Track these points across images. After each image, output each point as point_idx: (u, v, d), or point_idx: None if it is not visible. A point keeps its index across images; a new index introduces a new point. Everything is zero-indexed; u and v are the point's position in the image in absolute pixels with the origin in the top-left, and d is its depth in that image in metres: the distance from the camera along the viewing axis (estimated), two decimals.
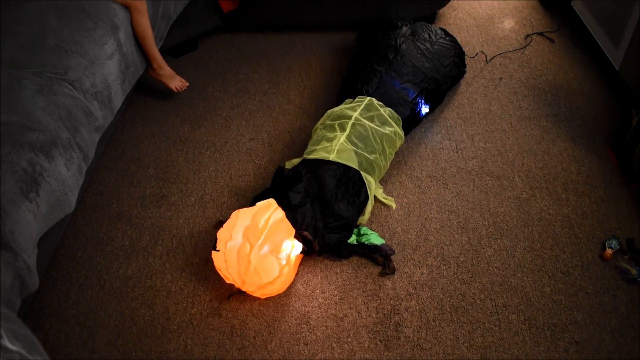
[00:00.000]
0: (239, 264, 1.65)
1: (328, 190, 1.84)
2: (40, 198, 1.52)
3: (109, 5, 2.29)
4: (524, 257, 1.89)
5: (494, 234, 1.96)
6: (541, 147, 2.31)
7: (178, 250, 1.92)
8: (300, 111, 2.52)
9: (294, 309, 1.73)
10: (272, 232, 1.69)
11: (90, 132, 1.84)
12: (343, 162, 1.92)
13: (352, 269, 1.85)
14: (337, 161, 1.92)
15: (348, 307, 1.74)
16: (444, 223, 2.00)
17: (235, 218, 1.73)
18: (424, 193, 2.12)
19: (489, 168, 2.22)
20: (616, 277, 1.83)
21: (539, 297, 1.77)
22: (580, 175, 2.18)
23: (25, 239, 1.44)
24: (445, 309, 1.74)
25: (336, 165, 1.91)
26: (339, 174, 1.90)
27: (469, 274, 1.84)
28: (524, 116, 2.47)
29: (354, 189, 1.91)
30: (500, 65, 2.79)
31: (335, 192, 1.85)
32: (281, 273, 1.68)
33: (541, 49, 2.92)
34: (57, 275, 1.84)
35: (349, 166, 1.92)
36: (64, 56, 1.96)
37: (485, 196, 2.10)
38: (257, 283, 1.67)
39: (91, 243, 1.94)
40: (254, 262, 1.64)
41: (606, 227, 1.99)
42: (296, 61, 2.85)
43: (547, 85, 2.66)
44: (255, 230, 1.67)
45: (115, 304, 1.75)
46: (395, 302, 1.75)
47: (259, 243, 1.65)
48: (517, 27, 3.11)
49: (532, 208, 2.05)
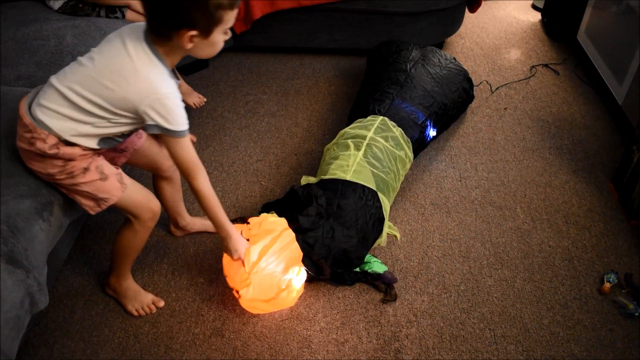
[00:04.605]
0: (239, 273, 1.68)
1: (346, 212, 1.85)
2: (53, 217, 1.55)
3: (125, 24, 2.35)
4: (524, 288, 1.91)
5: (494, 264, 1.99)
6: (543, 179, 2.35)
7: (183, 270, 1.95)
8: (308, 134, 2.56)
9: (296, 332, 1.76)
10: (282, 251, 1.71)
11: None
12: (361, 182, 1.94)
13: (354, 294, 1.88)
14: (354, 181, 1.93)
15: (349, 332, 1.76)
16: (446, 252, 2.03)
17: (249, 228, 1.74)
18: (427, 221, 2.15)
19: (491, 198, 2.25)
20: (614, 312, 1.85)
21: (538, 329, 1.79)
22: (581, 209, 2.22)
23: (36, 256, 1.47)
24: (444, 337, 1.76)
25: (354, 186, 1.92)
26: (358, 195, 1.90)
27: (469, 303, 1.86)
28: (528, 147, 2.51)
29: (371, 211, 1.92)
30: (506, 96, 2.84)
31: (355, 214, 1.86)
32: (277, 296, 1.71)
33: (546, 80, 2.97)
34: (63, 290, 1.87)
35: (367, 187, 1.94)
36: None
37: (487, 226, 2.13)
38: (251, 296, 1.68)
39: (97, 259, 1.97)
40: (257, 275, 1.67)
41: (605, 261, 2.02)
42: (305, 84, 2.90)
43: (551, 117, 2.71)
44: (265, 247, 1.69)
45: (119, 321, 1.78)
46: (396, 328, 1.78)
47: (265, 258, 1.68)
48: (523, 57, 3.16)
49: (532, 239, 2.09)
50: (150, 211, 1.63)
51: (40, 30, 2.24)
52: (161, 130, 1.38)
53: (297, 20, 2.91)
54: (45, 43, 2.17)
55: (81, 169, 1.49)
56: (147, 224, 1.65)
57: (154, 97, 1.35)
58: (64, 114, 1.40)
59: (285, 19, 2.89)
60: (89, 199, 1.55)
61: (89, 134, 1.44)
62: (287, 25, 2.92)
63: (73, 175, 1.49)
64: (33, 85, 1.94)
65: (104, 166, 1.54)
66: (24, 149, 1.48)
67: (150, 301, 1.81)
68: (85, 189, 1.52)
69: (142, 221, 1.63)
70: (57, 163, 1.46)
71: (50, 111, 1.41)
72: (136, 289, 1.81)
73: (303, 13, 2.88)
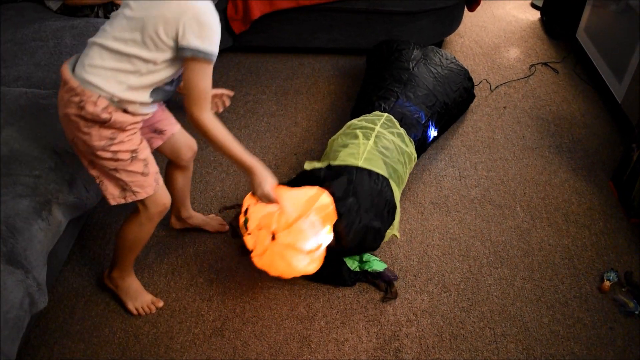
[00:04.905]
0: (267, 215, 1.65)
1: (363, 197, 1.81)
2: (52, 216, 1.56)
3: None
4: (524, 287, 1.91)
5: (494, 262, 1.99)
6: (543, 178, 2.35)
7: (183, 270, 1.95)
8: (307, 134, 2.56)
9: (296, 331, 1.76)
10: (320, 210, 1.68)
11: None
12: (373, 169, 1.90)
13: (354, 294, 1.88)
14: (366, 168, 1.89)
15: (349, 332, 1.76)
16: (446, 250, 2.03)
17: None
18: (426, 220, 2.15)
19: (491, 197, 2.25)
20: (614, 310, 1.85)
21: (537, 327, 1.79)
22: (581, 207, 2.22)
23: (36, 256, 1.47)
24: (444, 336, 1.76)
25: (368, 172, 1.88)
26: (373, 180, 1.86)
27: (469, 302, 1.86)
28: (527, 146, 2.51)
29: (386, 197, 1.87)
30: (505, 94, 2.84)
31: (372, 199, 1.82)
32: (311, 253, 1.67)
33: (545, 79, 2.97)
34: (63, 290, 1.87)
35: (380, 174, 1.90)
36: None
37: (487, 225, 2.13)
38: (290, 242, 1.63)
39: (98, 260, 1.97)
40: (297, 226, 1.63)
41: (605, 259, 2.01)
42: (304, 84, 2.90)
43: (550, 115, 2.71)
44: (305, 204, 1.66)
45: (119, 321, 1.78)
46: (396, 328, 1.78)
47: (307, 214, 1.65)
48: (523, 56, 3.16)
49: (532, 238, 2.08)
50: (162, 205, 1.63)
51: (39, 31, 2.24)
52: (193, 52, 1.36)
53: (296, 20, 2.91)
54: (44, 44, 2.18)
55: (128, 154, 1.48)
56: (155, 217, 1.64)
57: (190, 13, 1.34)
58: (110, 67, 1.39)
59: (284, 18, 2.89)
60: (117, 188, 1.54)
61: (137, 85, 1.41)
62: (286, 25, 2.93)
63: (117, 159, 1.48)
64: (32, 86, 1.95)
65: (149, 160, 1.55)
66: (71, 117, 1.42)
67: (150, 301, 1.81)
68: (123, 177, 1.51)
69: (151, 214, 1.62)
70: (105, 134, 1.43)
71: (97, 69, 1.39)
72: (138, 288, 1.81)
73: (302, 13, 2.88)
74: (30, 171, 1.59)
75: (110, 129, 1.44)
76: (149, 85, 1.44)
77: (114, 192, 1.54)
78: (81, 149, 1.49)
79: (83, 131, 1.43)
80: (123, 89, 1.40)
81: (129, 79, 1.40)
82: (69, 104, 1.41)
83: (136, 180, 1.52)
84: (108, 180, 1.53)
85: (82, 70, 1.40)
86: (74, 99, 1.39)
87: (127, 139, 1.48)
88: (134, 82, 1.41)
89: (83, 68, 1.40)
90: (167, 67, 1.42)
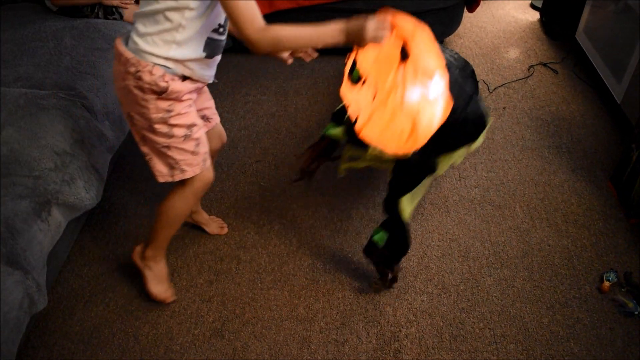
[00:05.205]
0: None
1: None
2: (52, 217, 1.56)
3: (124, 26, 2.35)
4: (523, 287, 1.91)
5: (494, 263, 1.99)
6: (542, 178, 2.35)
7: (182, 270, 1.95)
8: (307, 135, 2.56)
9: (296, 332, 1.76)
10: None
11: (103, 153, 1.88)
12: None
13: (353, 294, 1.88)
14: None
15: (349, 333, 1.76)
16: (445, 251, 2.03)
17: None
18: (426, 220, 2.15)
19: (490, 197, 2.25)
20: (613, 310, 1.85)
21: (537, 328, 1.79)
22: (581, 208, 2.22)
23: (35, 257, 1.47)
24: (444, 337, 1.76)
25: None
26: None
27: (469, 302, 1.86)
28: (527, 146, 2.51)
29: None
30: (504, 95, 2.84)
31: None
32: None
33: (545, 79, 2.97)
34: (62, 291, 1.87)
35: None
36: (78, 77, 2.01)
37: (487, 225, 2.13)
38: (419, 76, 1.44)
39: (97, 261, 1.97)
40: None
41: (604, 259, 2.01)
42: (304, 85, 2.90)
43: (549, 116, 2.71)
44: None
45: (119, 322, 1.78)
46: (396, 328, 1.78)
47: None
48: (522, 57, 3.16)
49: (532, 238, 2.08)
50: (208, 180, 1.66)
51: (38, 32, 2.24)
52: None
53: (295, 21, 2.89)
54: (44, 44, 2.18)
55: (184, 130, 1.51)
56: (199, 192, 1.68)
57: None
58: (154, 31, 1.39)
59: (283, 19, 2.89)
60: (166, 166, 1.57)
61: (185, 38, 1.40)
62: None
63: (172, 135, 1.50)
64: (32, 87, 1.95)
65: (201, 141, 1.58)
66: (130, 89, 1.44)
67: (171, 292, 1.84)
68: (174, 155, 1.54)
69: (196, 188, 1.64)
70: (162, 105, 1.45)
71: (144, 37, 1.40)
72: (166, 274, 1.84)
73: (302, 13, 2.88)
74: (29, 172, 1.59)
75: (168, 101, 1.46)
76: (197, 36, 1.42)
77: (162, 170, 1.58)
78: (137, 123, 1.51)
79: (141, 104, 1.45)
80: (173, 47, 1.40)
81: (174, 36, 1.39)
82: (126, 75, 1.43)
83: (186, 158, 1.56)
84: (157, 157, 1.56)
85: (132, 41, 1.43)
86: (130, 69, 1.42)
87: (184, 111, 1.50)
88: (180, 37, 1.40)
89: (132, 39, 1.43)
90: (203, 10, 1.38)
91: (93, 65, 2.10)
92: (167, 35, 1.39)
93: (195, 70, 1.47)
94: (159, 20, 1.38)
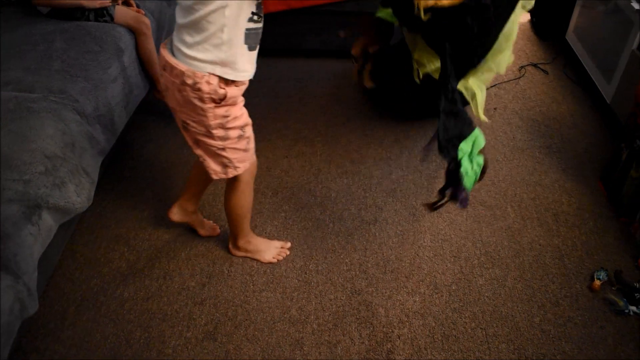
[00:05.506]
0: None
1: None
2: (42, 221, 1.55)
3: (115, 29, 2.35)
4: (515, 287, 1.92)
5: (485, 263, 2.00)
6: (533, 178, 2.36)
7: (174, 273, 1.94)
8: (298, 137, 2.57)
9: (288, 334, 1.76)
10: None
11: (94, 156, 1.87)
12: None
13: (346, 296, 1.88)
14: None
15: (341, 334, 1.76)
16: (437, 252, 2.04)
17: None
18: (417, 221, 2.15)
19: (482, 198, 2.26)
20: (604, 309, 1.86)
21: (529, 327, 1.80)
22: (571, 207, 2.23)
23: (26, 262, 1.46)
24: (436, 337, 1.77)
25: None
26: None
27: (461, 302, 1.87)
28: (517, 147, 2.53)
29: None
30: (495, 96, 2.85)
31: None
32: None
33: (535, 80, 2.99)
34: (54, 295, 1.86)
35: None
36: (69, 80, 2.00)
37: (478, 225, 2.14)
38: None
39: (89, 264, 1.97)
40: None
41: (595, 258, 2.03)
42: (295, 87, 2.90)
43: (540, 116, 2.72)
44: None
45: (111, 326, 1.77)
46: (388, 329, 1.78)
47: None
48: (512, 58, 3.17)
49: (523, 238, 2.10)
50: (254, 168, 1.76)
51: (29, 35, 2.23)
52: None
53: (286, 23, 2.91)
54: (35, 47, 2.16)
55: (238, 132, 1.58)
56: (251, 180, 1.78)
57: None
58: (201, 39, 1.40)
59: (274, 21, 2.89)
60: (220, 165, 1.65)
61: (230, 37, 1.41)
62: (276, 27, 2.93)
63: (227, 137, 1.57)
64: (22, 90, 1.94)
65: (251, 138, 1.67)
66: (187, 99, 1.48)
67: (280, 246, 2.00)
68: (228, 155, 1.61)
69: (247, 180, 1.75)
70: (219, 112, 1.51)
71: (193, 47, 1.42)
72: (264, 242, 1.99)
73: (292, 15, 2.88)
74: (20, 176, 1.58)
75: (224, 107, 1.51)
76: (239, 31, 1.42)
77: (216, 169, 1.66)
78: (191, 130, 1.58)
79: (199, 112, 1.50)
80: (224, 49, 1.42)
81: (221, 37, 1.41)
82: (183, 87, 1.47)
83: (239, 156, 1.64)
84: (211, 158, 1.64)
85: (182, 54, 1.45)
86: (188, 81, 1.45)
87: (240, 114, 1.58)
88: (226, 36, 1.41)
89: (182, 52, 1.45)
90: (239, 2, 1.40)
91: (84, 68, 2.09)
92: (215, 39, 1.41)
93: (243, 68, 1.49)
94: (204, 27, 1.39)
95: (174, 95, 1.52)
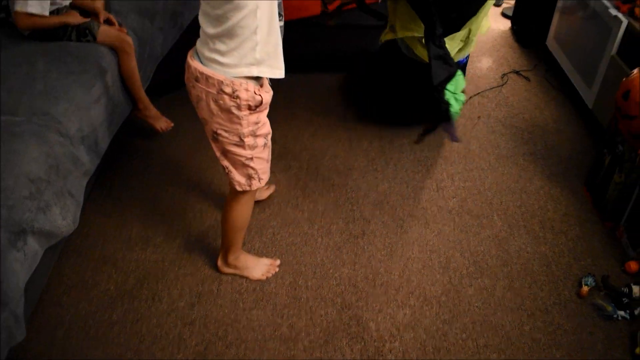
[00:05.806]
0: None
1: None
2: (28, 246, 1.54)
3: (97, 49, 2.34)
4: (504, 296, 1.93)
5: (474, 273, 2.01)
6: (519, 186, 2.38)
7: (163, 294, 1.93)
8: (284, 151, 2.57)
9: (280, 352, 1.75)
10: None
11: (78, 178, 1.86)
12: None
13: (336, 311, 1.88)
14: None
15: (333, 350, 1.76)
16: (426, 263, 2.04)
17: None
18: (405, 233, 2.16)
19: (468, 207, 2.27)
20: (593, 315, 1.88)
21: (519, 336, 1.81)
22: (557, 213, 2.25)
23: (12, 289, 1.45)
24: (427, 349, 1.77)
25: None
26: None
27: (451, 313, 1.87)
28: (502, 155, 2.55)
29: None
30: (479, 104, 2.88)
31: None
32: None
33: (518, 87, 3.02)
34: (41, 321, 1.84)
35: None
36: (52, 102, 1.99)
37: (466, 235, 2.15)
38: None
39: (76, 287, 1.95)
40: None
41: (582, 264, 2.04)
42: (281, 100, 2.89)
43: (523, 123, 2.75)
44: None
45: (100, 350, 1.75)
46: (379, 344, 1.78)
47: None
48: (495, 65, 3.21)
49: (510, 246, 2.11)
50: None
51: (11, 57, 2.22)
52: None
53: None
54: (17, 69, 2.15)
55: (263, 139, 1.62)
56: (255, 193, 1.79)
57: None
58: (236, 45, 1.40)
59: None
60: (245, 176, 1.67)
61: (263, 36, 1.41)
62: None
63: (255, 145, 1.60)
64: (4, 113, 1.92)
65: (270, 149, 1.70)
66: (223, 108, 1.49)
67: (269, 264, 2.00)
68: (255, 165, 1.64)
69: (255, 192, 1.78)
70: (252, 119, 1.53)
71: (229, 54, 1.42)
72: (254, 258, 2.00)
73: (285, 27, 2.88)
74: (3, 201, 1.57)
75: (257, 113, 1.54)
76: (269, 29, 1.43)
77: (241, 180, 1.68)
78: (222, 140, 1.58)
79: (234, 120, 1.51)
80: (258, 49, 1.42)
81: (255, 39, 1.41)
82: (220, 96, 1.47)
83: (263, 167, 1.68)
84: (237, 169, 1.65)
85: (218, 63, 1.44)
86: (226, 90, 1.46)
87: (265, 120, 1.61)
88: (260, 37, 1.41)
89: (217, 61, 1.44)
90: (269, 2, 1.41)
91: (67, 89, 2.07)
92: (250, 41, 1.41)
93: (276, 65, 1.49)
94: (237, 33, 1.39)
95: (209, 105, 1.51)
